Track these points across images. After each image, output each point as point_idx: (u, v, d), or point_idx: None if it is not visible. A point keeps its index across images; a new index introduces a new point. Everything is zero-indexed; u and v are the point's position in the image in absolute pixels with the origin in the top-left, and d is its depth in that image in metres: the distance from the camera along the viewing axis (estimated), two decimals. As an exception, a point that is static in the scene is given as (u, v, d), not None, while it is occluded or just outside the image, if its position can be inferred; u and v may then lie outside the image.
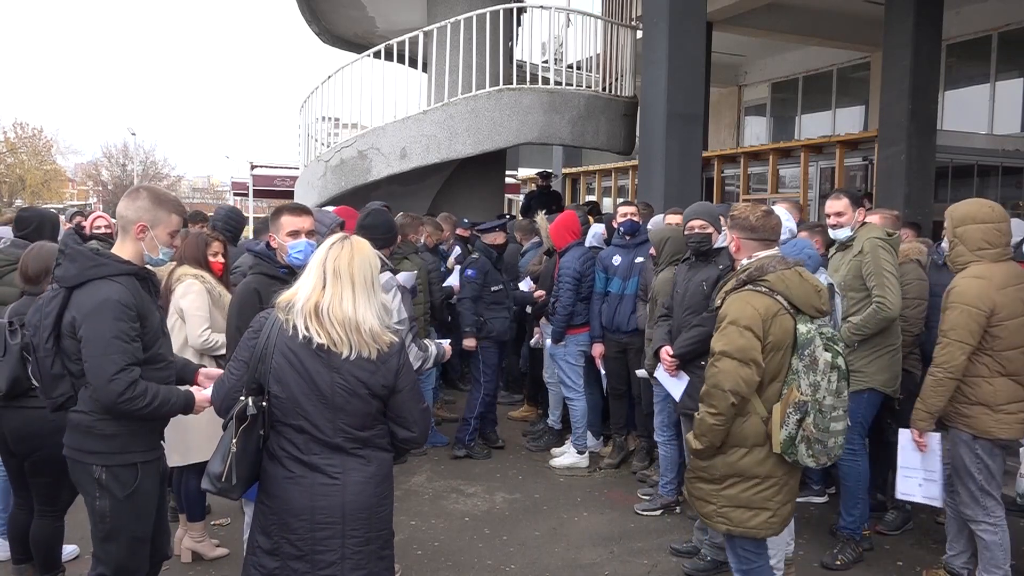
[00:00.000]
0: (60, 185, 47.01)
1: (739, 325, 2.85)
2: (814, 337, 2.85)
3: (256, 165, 21.10)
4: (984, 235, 3.45)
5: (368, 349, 2.37)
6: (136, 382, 2.65)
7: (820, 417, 2.81)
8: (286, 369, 2.37)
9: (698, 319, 4.10)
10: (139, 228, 2.78)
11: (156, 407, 2.70)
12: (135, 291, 2.74)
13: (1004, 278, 3.42)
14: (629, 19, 10.52)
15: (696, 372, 4.11)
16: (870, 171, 9.82)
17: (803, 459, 2.86)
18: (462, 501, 5.10)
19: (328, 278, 2.39)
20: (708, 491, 3.00)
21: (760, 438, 2.90)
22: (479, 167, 9.52)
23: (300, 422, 2.39)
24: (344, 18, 13.14)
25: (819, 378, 2.81)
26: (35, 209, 5.42)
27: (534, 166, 16.95)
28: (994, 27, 11.48)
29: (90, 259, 2.71)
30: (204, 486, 2.45)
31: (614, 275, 5.51)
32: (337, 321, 2.35)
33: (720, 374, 2.86)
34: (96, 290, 2.67)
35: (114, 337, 2.62)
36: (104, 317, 2.62)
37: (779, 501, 2.94)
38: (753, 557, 3.05)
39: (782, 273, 2.90)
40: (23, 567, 3.72)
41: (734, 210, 3.14)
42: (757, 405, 2.90)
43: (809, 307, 2.90)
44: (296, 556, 2.40)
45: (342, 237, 2.48)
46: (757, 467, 2.91)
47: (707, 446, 2.94)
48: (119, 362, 2.62)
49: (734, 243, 3.10)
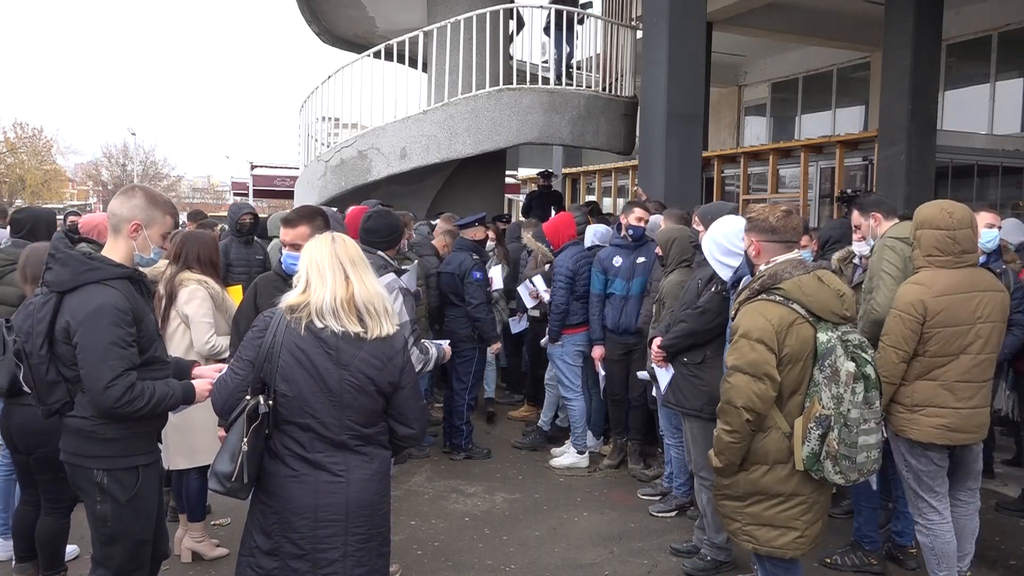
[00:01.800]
0: (60, 185, 47.02)
1: (750, 338, 2.71)
2: (835, 346, 2.68)
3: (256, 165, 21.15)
4: (935, 242, 3.33)
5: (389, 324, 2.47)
6: (133, 386, 2.63)
7: (846, 431, 2.64)
8: (294, 367, 2.38)
9: (683, 314, 4.11)
10: (134, 226, 2.77)
11: (155, 404, 2.68)
12: (130, 295, 2.71)
13: (947, 286, 3.30)
14: (629, 19, 10.52)
15: (679, 368, 4.14)
16: (870, 171, 9.82)
17: (830, 476, 2.70)
18: (462, 501, 5.10)
19: (348, 270, 2.45)
20: (732, 508, 2.90)
21: (782, 454, 2.76)
22: (479, 167, 9.52)
23: (307, 420, 2.40)
24: (344, 18, 13.14)
25: (841, 390, 2.65)
26: (30, 209, 5.43)
27: (534, 166, 16.95)
28: (994, 27, 11.48)
29: (83, 263, 2.66)
30: (212, 487, 2.43)
31: (616, 276, 5.44)
32: (372, 306, 2.45)
33: (732, 390, 2.74)
34: (91, 295, 2.63)
35: (111, 343, 2.59)
36: (100, 323, 2.59)
37: (807, 520, 2.81)
38: (782, 575, 2.98)
39: (799, 279, 2.74)
40: (25, 566, 3.72)
41: (751, 212, 3.01)
42: (779, 420, 2.77)
43: (830, 313, 2.73)
44: (297, 555, 2.41)
45: (331, 235, 2.54)
46: (780, 485, 2.78)
47: (726, 464, 2.84)
48: (116, 368, 2.59)
49: (753, 247, 2.94)
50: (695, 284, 4.18)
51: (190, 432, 3.75)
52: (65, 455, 2.80)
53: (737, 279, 3.54)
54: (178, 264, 4.04)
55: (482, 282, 5.81)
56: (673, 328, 4.16)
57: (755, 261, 2.96)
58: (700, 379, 4.02)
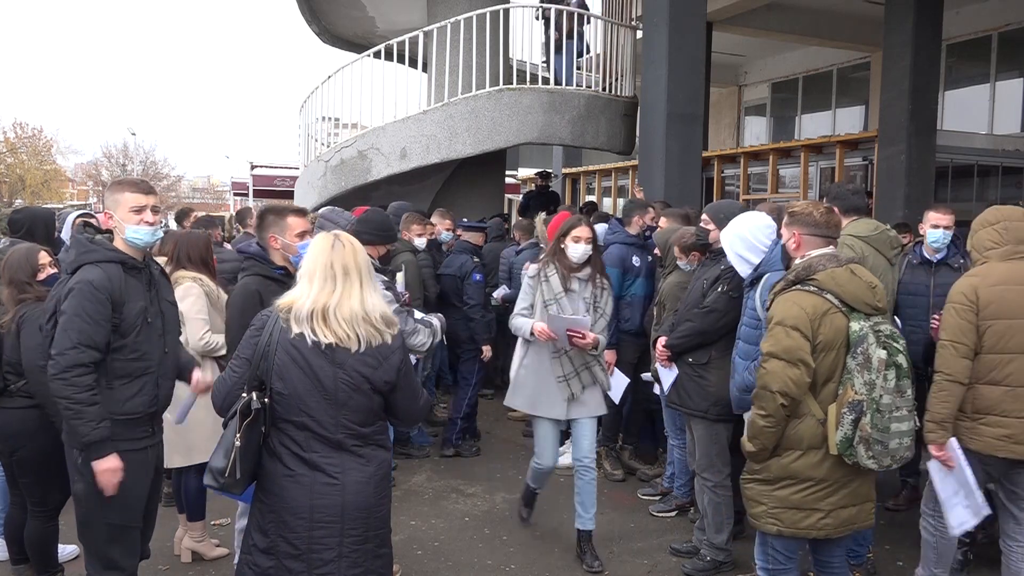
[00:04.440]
0: (60, 185, 47.02)
1: (785, 325, 2.82)
2: (867, 334, 2.78)
3: (256, 165, 21.13)
4: (989, 235, 3.38)
5: (380, 336, 2.44)
6: (84, 366, 2.71)
7: (878, 416, 2.73)
8: (289, 365, 2.39)
9: (689, 314, 4.10)
10: (106, 217, 2.98)
11: (77, 409, 2.70)
12: (116, 277, 2.83)
13: (1002, 276, 3.24)
14: (629, 19, 10.52)
15: (683, 368, 4.13)
16: (870, 171, 9.82)
17: (863, 461, 2.77)
18: (462, 501, 5.10)
19: (339, 278, 2.43)
20: (760, 491, 2.96)
21: (816, 440, 2.84)
22: (479, 167, 9.52)
23: (302, 418, 2.41)
24: (344, 18, 13.14)
25: (873, 376, 2.74)
26: (27, 210, 5.43)
27: (534, 166, 16.95)
28: (994, 27, 11.49)
29: (84, 246, 2.89)
30: (206, 482, 2.45)
31: (637, 276, 5.29)
32: (344, 319, 2.40)
33: (768, 375, 2.84)
34: (83, 274, 2.82)
35: (76, 315, 2.73)
36: (76, 296, 2.76)
37: (832, 503, 2.87)
38: (783, 560, 3.02)
39: (832, 271, 2.85)
40: (21, 567, 3.71)
41: (794, 207, 3.10)
42: (812, 406, 2.85)
43: (862, 304, 2.84)
44: (292, 555, 2.41)
45: (334, 236, 2.51)
46: (812, 470, 2.85)
47: (760, 448, 2.91)
48: (74, 339, 2.71)
49: (794, 239, 3.03)
50: (700, 284, 4.16)
51: (188, 430, 3.74)
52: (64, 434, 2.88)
53: (757, 276, 3.52)
54: (172, 264, 4.08)
55: (482, 284, 5.85)
56: (679, 328, 4.14)
57: (793, 254, 3.07)
58: (705, 379, 4.00)
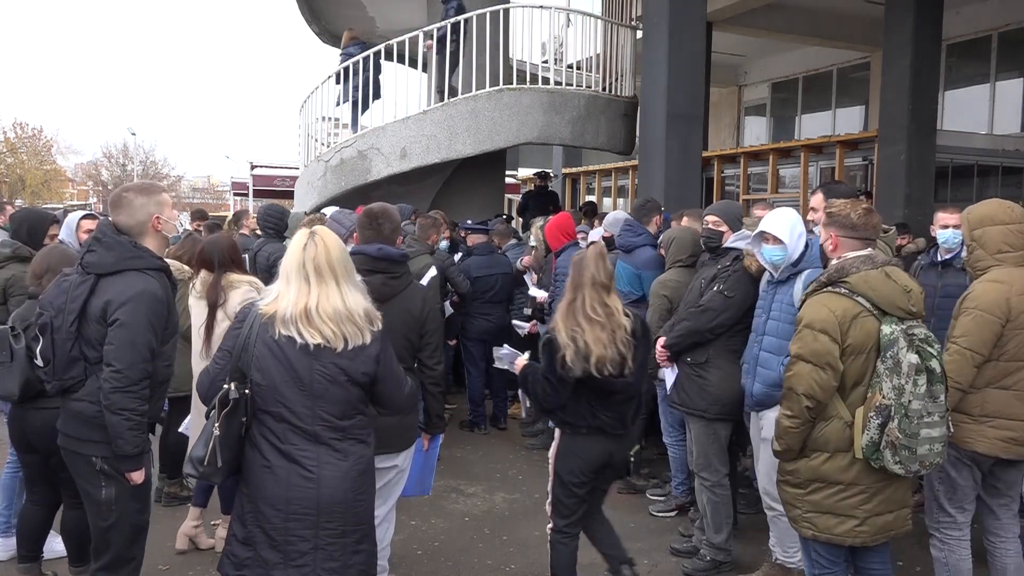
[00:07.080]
0: (60, 185, 47.08)
1: (814, 328, 2.79)
2: (897, 339, 2.73)
3: (256, 165, 21.15)
4: (1004, 237, 3.22)
5: (363, 335, 2.47)
6: (148, 378, 2.79)
7: (906, 422, 2.67)
8: (267, 357, 2.43)
9: (686, 313, 4.11)
10: (155, 221, 2.93)
11: (138, 421, 2.79)
12: (165, 287, 2.89)
13: None
14: (629, 19, 10.52)
15: (683, 368, 4.13)
16: (870, 171, 9.83)
17: (890, 466, 2.73)
18: (462, 501, 5.10)
19: (312, 279, 2.44)
20: (794, 495, 2.94)
21: (843, 443, 2.82)
22: (479, 167, 9.52)
23: (280, 409, 2.44)
24: (344, 18, 13.15)
25: (903, 381, 2.68)
26: (26, 210, 5.52)
27: (534, 166, 16.95)
28: (994, 27, 11.49)
29: (129, 250, 2.85)
30: (187, 471, 2.51)
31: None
32: (329, 318, 2.43)
33: (794, 377, 2.83)
34: (133, 280, 2.80)
35: (147, 328, 2.78)
36: (142, 306, 2.78)
37: (868, 510, 2.83)
38: (826, 564, 2.97)
39: (866, 274, 2.81)
40: (29, 566, 3.71)
41: (832, 207, 3.04)
42: (840, 409, 2.82)
43: (895, 308, 2.78)
44: (269, 546, 2.44)
45: (309, 235, 2.52)
46: (840, 473, 2.82)
47: (785, 449, 2.90)
48: (142, 353, 2.77)
49: (831, 240, 2.98)
50: (698, 284, 4.17)
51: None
52: (63, 439, 2.88)
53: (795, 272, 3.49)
54: (214, 269, 3.95)
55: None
56: (676, 327, 4.15)
57: (830, 255, 3.01)
58: (704, 379, 4.00)
